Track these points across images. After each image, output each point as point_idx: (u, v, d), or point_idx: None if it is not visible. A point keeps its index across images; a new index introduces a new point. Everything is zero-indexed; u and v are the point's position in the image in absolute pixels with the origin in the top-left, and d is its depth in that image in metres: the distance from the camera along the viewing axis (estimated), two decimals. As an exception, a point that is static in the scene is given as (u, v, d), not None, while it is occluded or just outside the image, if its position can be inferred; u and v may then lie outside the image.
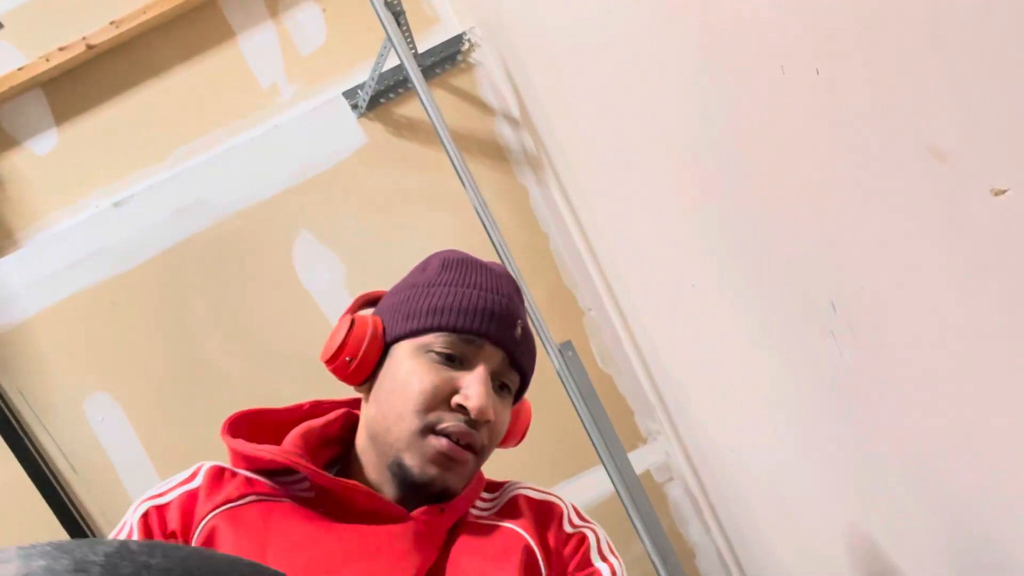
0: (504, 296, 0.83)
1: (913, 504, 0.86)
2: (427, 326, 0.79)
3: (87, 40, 1.82)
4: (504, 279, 0.86)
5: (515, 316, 0.82)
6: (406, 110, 1.94)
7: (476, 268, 0.86)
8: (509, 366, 0.82)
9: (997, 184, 0.53)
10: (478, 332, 0.79)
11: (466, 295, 0.81)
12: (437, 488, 0.77)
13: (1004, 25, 0.47)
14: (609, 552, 0.83)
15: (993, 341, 0.61)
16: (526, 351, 0.84)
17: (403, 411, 0.77)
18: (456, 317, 0.79)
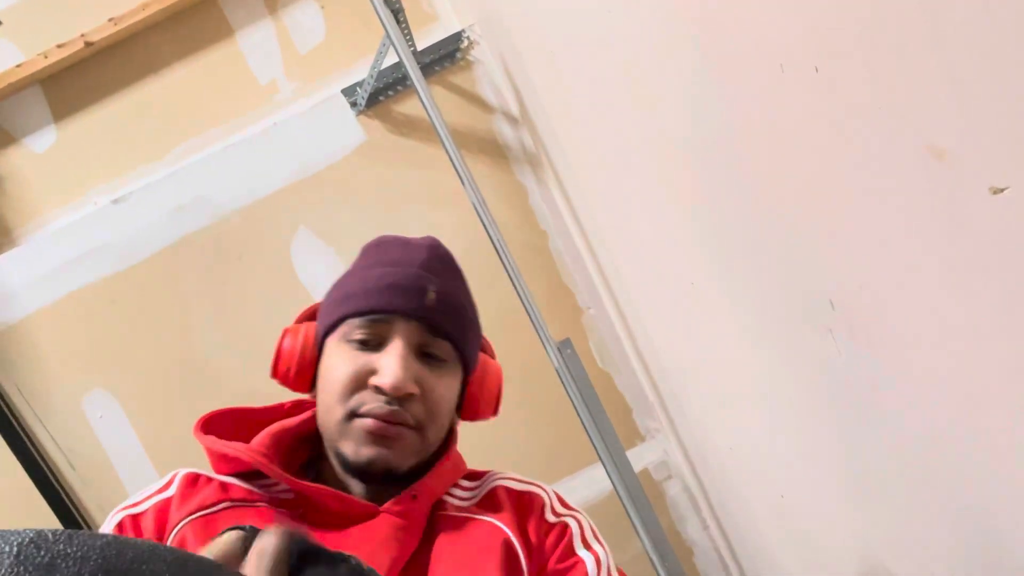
0: (412, 267, 0.81)
1: (911, 502, 0.86)
2: (339, 316, 0.80)
3: (86, 37, 1.82)
4: (419, 249, 0.84)
5: (424, 284, 0.80)
6: (405, 108, 1.94)
7: (388, 246, 0.85)
8: (429, 334, 0.79)
9: (996, 183, 0.53)
10: (383, 309, 0.78)
11: (370, 276, 0.80)
12: (380, 467, 0.75)
13: (1003, 24, 0.47)
14: (594, 539, 0.83)
15: (992, 340, 0.61)
16: (447, 315, 0.81)
17: (330, 403, 0.77)
18: (359, 300, 0.79)
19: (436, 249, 0.87)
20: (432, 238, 0.89)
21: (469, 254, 1.92)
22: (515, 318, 1.89)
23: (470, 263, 1.90)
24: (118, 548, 0.28)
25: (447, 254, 0.88)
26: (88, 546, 0.27)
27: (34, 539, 0.27)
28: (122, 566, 0.27)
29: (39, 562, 0.26)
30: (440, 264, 0.85)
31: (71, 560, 0.26)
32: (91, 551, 0.27)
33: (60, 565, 0.26)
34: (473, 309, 0.87)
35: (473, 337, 0.86)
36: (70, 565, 0.26)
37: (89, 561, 0.27)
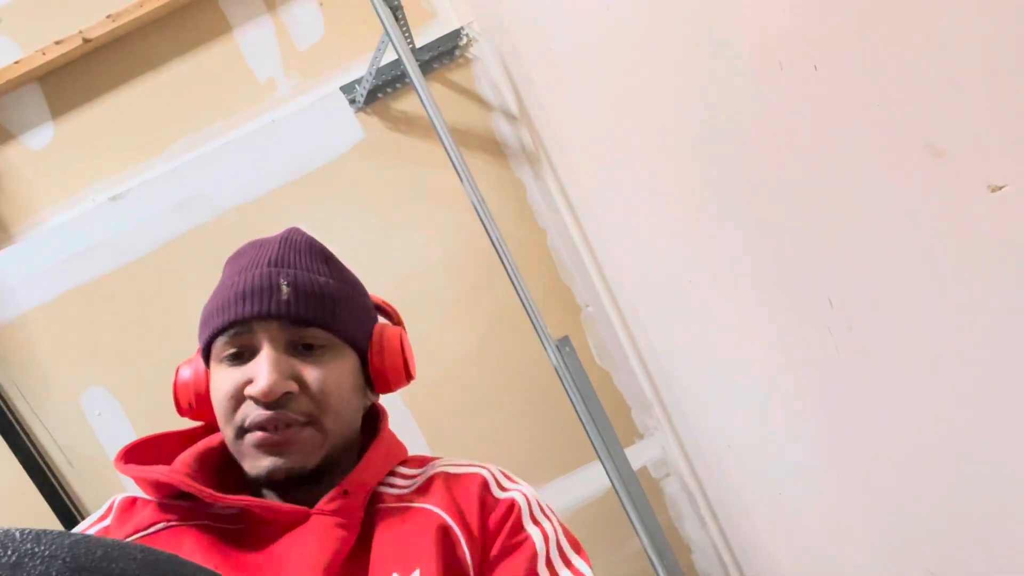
0: (261, 267, 0.79)
1: (910, 500, 0.87)
2: (207, 339, 0.78)
3: (83, 34, 1.82)
4: (269, 246, 0.82)
5: (274, 280, 0.77)
6: (404, 105, 1.94)
7: (241, 254, 0.83)
8: (296, 327, 0.77)
9: (994, 180, 0.53)
10: (240, 319, 0.76)
11: (225, 290, 0.78)
12: (281, 475, 0.74)
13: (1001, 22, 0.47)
14: (541, 515, 0.80)
15: (991, 338, 0.61)
16: (308, 303, 0.77)
17: (222, 424, 0.77)
18: (218, 317, 0.77)
19: (288, 239, 0.84)
20: (290, 229, 0.86)
21: (467, 251, 1.92)
22: (513, 316, 1.90)
23: (468, 260, 1.91)
24: (87, 546, 0.27)
25: (304, 240, 0.84)
26: (56, 544, 0.27)
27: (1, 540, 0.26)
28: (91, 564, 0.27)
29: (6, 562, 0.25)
30: (294, 253, 0.82)
31: (39, 559, 0.26)
32: (59, 549, 0.27)
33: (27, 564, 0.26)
34: (343, 286, 0.83)
35: (349, 313, 0.81)
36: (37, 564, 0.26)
37: (57, 559, 0.26)
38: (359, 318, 0.84)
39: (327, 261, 0.85)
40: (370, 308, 0.88)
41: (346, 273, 0.87)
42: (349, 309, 0.82)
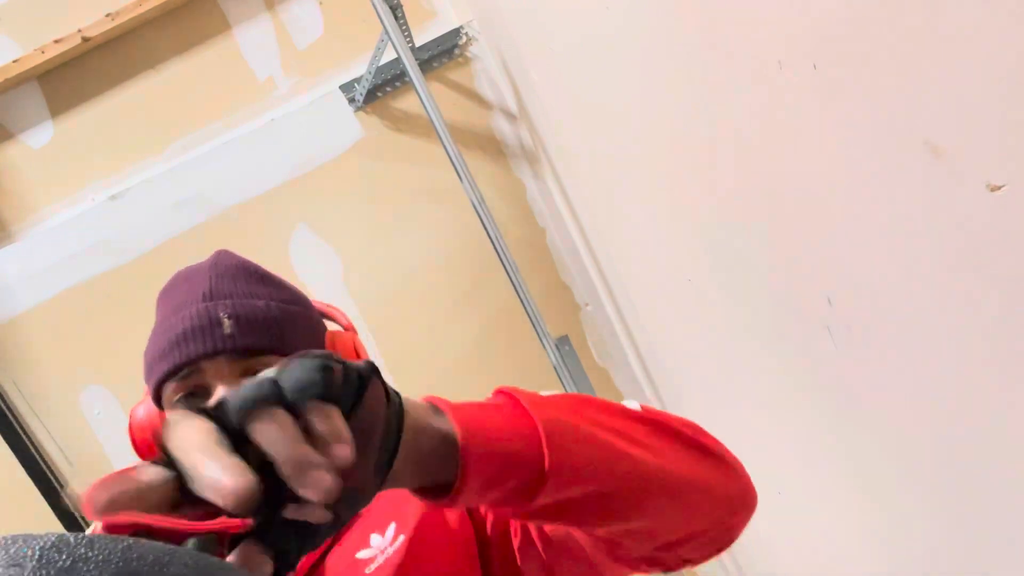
0: (196, 303, 0.76)
1: (908, 499, 0.87)
2: (155, 387, 0.76)
3: (83, 32, 1.81)
4: (200, 277, 0.79)
5: (213, 315, 0.74)
6: (403, 104, 1.93)
7: (173, 289, 0.80)
8: (245, 358, 0.74)
9: (993, 180, 0.53)
10: (185, 363, 0.72)
11: (164, 332, 0.75)
12: None
13: (1000, 21, 0.47)
14: None
15: (990, 336, 0.61)
16: (252, 331, 0.75)
17: None
18: (162, 363, 0.74)
19: (218, 266, 0.81)
20: (216, 253, 0.83)
21: (467, 250, 1.92)
22: (513, 315, 1.90)
23: (467, 260, 1.91)
24: (139, 551, 0.28)
25: (234, 263, 0.82)
26: (109, 549, 0.27)
27: (56, 543, 0.27)
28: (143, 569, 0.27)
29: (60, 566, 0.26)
30: (228, 280, 0.79)
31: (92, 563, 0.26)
32: (112, 554, 0.27)
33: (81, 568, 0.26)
34: (285, 304, 0.80)
35: (297, 330, 0.79)
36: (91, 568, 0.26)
37: (110, 564, 0.27)
38: (308, 333, 0.81)
39: (263, 281, 0.82)
40: (317, 319, 0.85)
41: (286, 288, 0.84)
42: (296, 326, 0.79)
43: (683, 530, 0.59)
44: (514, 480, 0.49)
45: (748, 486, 0.64)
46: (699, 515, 0.60)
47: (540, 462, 0.49)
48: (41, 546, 0.26)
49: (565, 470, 0.50)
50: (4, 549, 0.26)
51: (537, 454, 0.49)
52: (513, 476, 0.49)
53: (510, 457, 0.48)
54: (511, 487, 0.49)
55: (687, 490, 0.58)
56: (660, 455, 0.57)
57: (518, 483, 0.49)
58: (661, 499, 0.56)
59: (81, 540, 0.27)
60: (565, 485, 0.50)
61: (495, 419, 0.50)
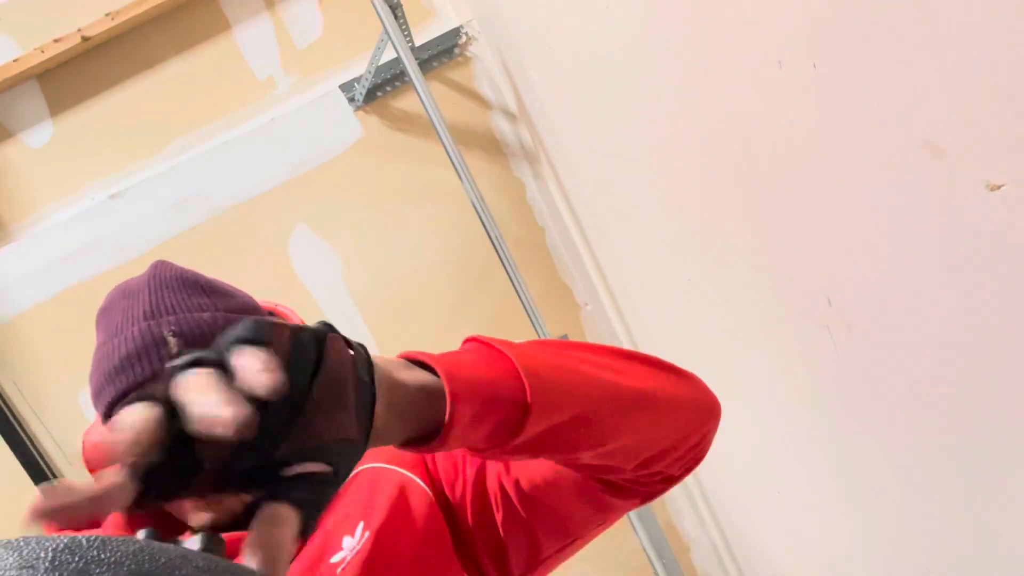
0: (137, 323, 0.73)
1: (907, 499, 0.87)
2: (104, 414, 0.73)
3: (82, 32, 1.81)
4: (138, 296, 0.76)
5: (155, 335, 0.71)
6: (403, 103, 1.93)
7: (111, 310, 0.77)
8: None
9: (993, 179, 0.53)
10: (131, 388, 0.70)
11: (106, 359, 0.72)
12: None
13: (1000, 20, 0.47)
14: None
15: (990, 335, 0.61)
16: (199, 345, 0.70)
17: None
18: (108, 391, 0.71)
19: (156, 278, 0.78)
20: (153, 265, 0.80)
21: (466, 250, 1.92)
22: (512, 314, 1.89)
23: (467, 259, 1.91)
24: (151, 553, 0.28)
25: (173, 275, 0.79)
26: (122, 552, 0.27)
27: (68, 545, 0.27)
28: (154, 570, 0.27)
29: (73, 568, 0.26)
30: (169, 294, 0.76)
31: (104, 565, 0.26)
32: (124, 557, 0.27)
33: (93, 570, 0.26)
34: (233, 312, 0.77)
35: None
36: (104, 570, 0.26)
37: (123, 567, 0.27)
38: None
39: (206, 291, 0.79)
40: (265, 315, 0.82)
41: (231, 296, 0.81)
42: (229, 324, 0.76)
43: (661, 442, 0.63)
44: (499, 414, 0.51)
45: (712, 396, 0.69)
46: (674, 425, 0.64)
47: (522, 394, 0.51)
48: (54, 548, 0.26)
49: (546, 398, 0.52)
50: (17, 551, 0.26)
51: (518, 386, 0.51)
52: (498, 410, 0.51)
53: (493, 391, 0.50)
54: (496, 421, 0.51)
55: (660, 403, 0.62)
56: (630, 375, 0.61)
57: (503, 416, 0.51)
58: (637, 413, 0.60)
59: (93, 542, 0.27)
60: (548, 413, 0.52)
61: (473, 362, 0.52)
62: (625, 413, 0.59)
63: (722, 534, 1.85)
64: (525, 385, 0.51)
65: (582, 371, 0.57)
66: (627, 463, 0.61)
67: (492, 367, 0.52)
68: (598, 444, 0.58)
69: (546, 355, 0.57)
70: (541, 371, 0.53)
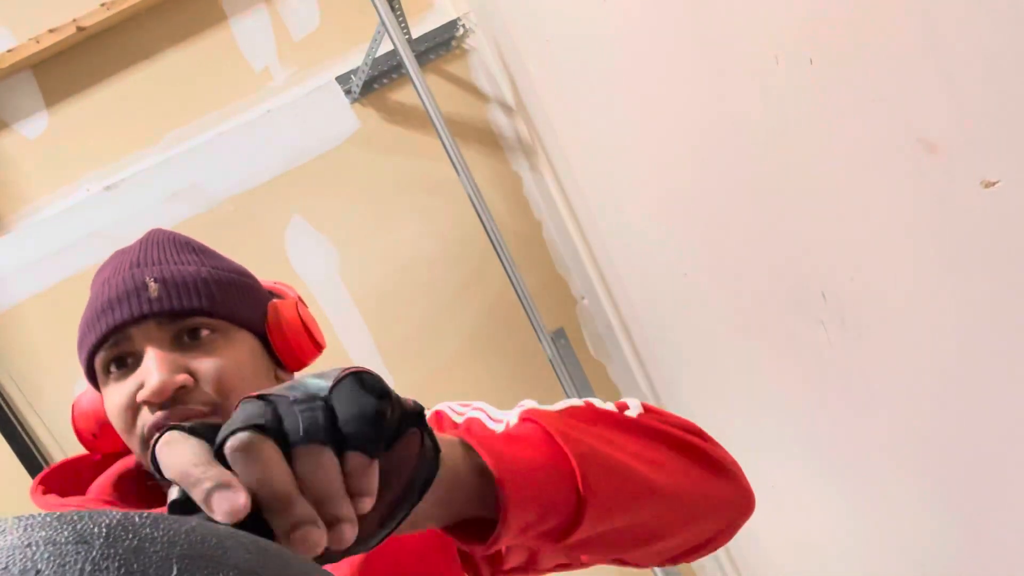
0: (123, 271, 0.75)
1: (902, 493, 0.87)
2: (86, 360, 0.75)
3: (78, 22, 1.80)
4: (129, 250, 0.78)
5: (138, 279, 0.72)
6: (400, 96, 1.93)
7: (104, 266, 0.79)
8: (175, 321, 0.71)
9: (988, 176, 0.53)
10: (111, 331, 0.71)
11: (90, 308, 0.74)
12: None
13: (996, 18, 0.47)
14: (499, 413, 0.78)
15: (984, 330, 0.62)
16: (181, 293, 0.72)
17: (126, 440, 0.73)
18: (91, 334, 0.73)
19: (148, 239, 0.79)
20: (150, 230, 0.82)
21: (463, 243, 1.92)
22: (509, 308, 1.90)
23: (464, 252, 1.91)
24: (202, 533, 0.28)
25: (166, 236, 0.80)
26: (174, 530, 0.27)
27: (122, 521, 0.26)
28: (206, 551, 0.27)
29: (128, 545, 0.26)
30: (157, 249, 0.78)
31: (158, 544, 0.26)
32: (177, 535, 0.27)
33: (148, 549, 0.26)
34: (219, 271, 0.77)
35: (232, 295, 0.76)
36: (157, 549, 0.26)
37: (176, 546, 0.27)
38: (247, 299, 0.78)
39: (196, 251, 0.80)
40: (259, 289, 0.82)
41: (224, 260, 0.82)
42: (230, 290, 0.76)
43: (693, 543, 0.62)
44: (551, 522, 0.50)
45: (749, 491, 0.66)
46: (709, 528, 0.63)
47: (576, 504, 0.50)
48: (107, 524, 0.26)
49: (599, 509, 0.51)
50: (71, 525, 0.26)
51: (573, 496, 0.50)
52: (550, 518, 0.50)
53: (548, 500, 0.49)
54: (546, 528, 0.50)
55: (701, 507, 0.61)
56: (676, 476, 0.59)
57: (555, 524, 0.50)
58: (678, 520, 0.59)
59: (146, 519, 0.27)
60: (598, 522, 0.51)
61: (531, 458, 0.50)
62: (668, 519, 0.58)
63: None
64: (581, 496, 0.50)
65: (635, 473, 0.56)
66: (653, 558, 0.61)
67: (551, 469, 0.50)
68: (636, 547, 0.58)
69: (602, 448, 0.55)
70: (599, 478, 0.52)
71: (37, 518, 0.26)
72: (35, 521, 0.26)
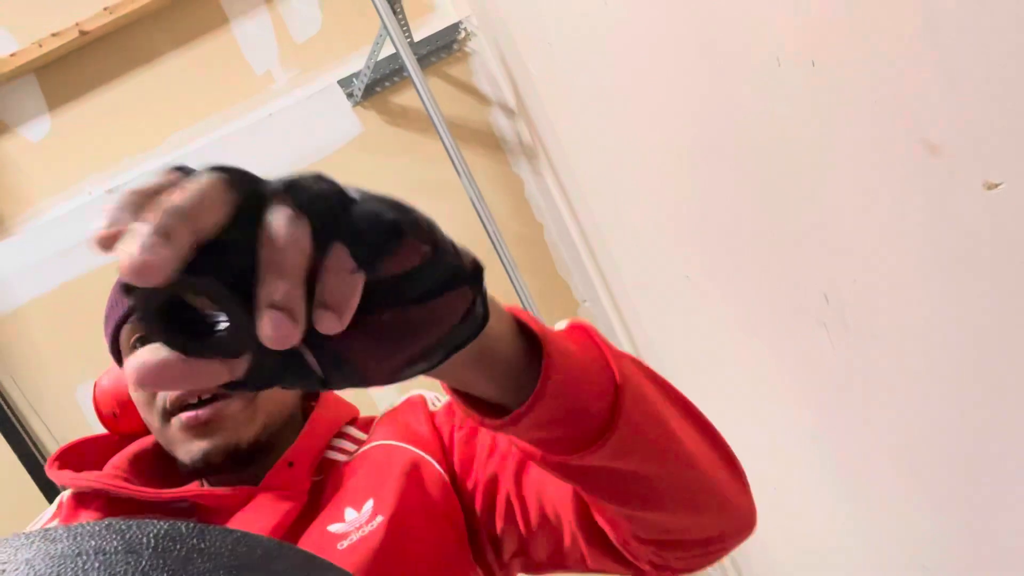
0: None
1: (904, 497, 0.87)
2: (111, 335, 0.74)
3: (80, 26, 1.81)
4: None
5: None
6: (402, 99, 1.93)
7: None
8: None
9: (990, 178, 0.53)
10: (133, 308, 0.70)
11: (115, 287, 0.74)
12: (218, 456, 0.70)
13: (997, 18, 0.47)
14: None
15: (984, 334, 0.62)
16: None
17: (145, 416, 0.73)
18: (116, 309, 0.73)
19: None
20: None
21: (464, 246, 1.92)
22: (510, 310, 1.89)
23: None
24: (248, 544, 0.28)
25: None
26: (220, 541, 0.27)
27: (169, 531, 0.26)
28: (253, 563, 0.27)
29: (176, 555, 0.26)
30: None
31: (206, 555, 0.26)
32: (223, 546, 0.27)
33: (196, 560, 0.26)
34: None
35: None
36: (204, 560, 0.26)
37: (222, 556, 0.27)
38: None
39: None
40: None
41: None
42: None
43: (692, 533, 0.57)
44: (575, 428, 0.45)
45: (755, 508, 0.63)
46: (712, 524, 0.58)
47: (607, 421, 0.45)
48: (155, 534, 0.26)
49: (624, 439, 0.46)
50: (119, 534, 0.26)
51: (607, 413, 0.45)
52: (577, 423, 0.45)
53: (583, 402, 0.44)
54: (566, 433, 0.45)
55: (714, 497, 0.56)
56: (701, 454, 0.55)
57: (577, 432, 0.45)
58: (688, 499, 0.54)
59: (192, 530, 0.27)
60: (619, 454, 0.47)
61: (579, 357, 0.45)
62: (683, 491, 0.53)
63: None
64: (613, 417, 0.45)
65: (669, 429, 0.51)
66: (650, 534, 0.56)
67: (594, 378, 0.46)
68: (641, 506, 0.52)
69: (646, 387, 0.51)
70: (636, 408, 0.47)
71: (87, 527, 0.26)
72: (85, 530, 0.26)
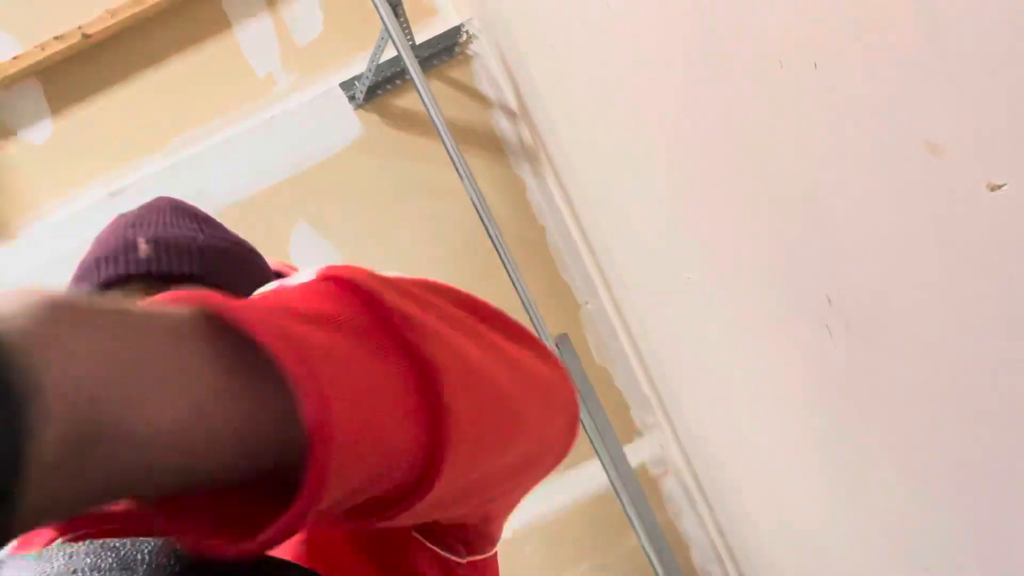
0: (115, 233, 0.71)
1: (908, 499, 0.87)
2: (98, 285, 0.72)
3: (83, 29, 1.81)
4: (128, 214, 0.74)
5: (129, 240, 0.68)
6: (403, 102, 1.93)
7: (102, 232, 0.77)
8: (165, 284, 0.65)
9: (993, 179, 0.53)
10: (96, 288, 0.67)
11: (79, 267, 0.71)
12: None
13: (1000, 19, 0.47)
14: None
15: (989, 337, 0.61)
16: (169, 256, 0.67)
17: None
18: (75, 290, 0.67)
19: (150, 204, 0.75)
20: (156, 196, 0.78)
21: (466, 248, 1.92)
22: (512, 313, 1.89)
23: (467, 257, 1.91)
24: None
25: (168, 201, 0.76)
26: None
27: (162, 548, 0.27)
28: None
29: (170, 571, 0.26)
30: (155, 213, 0.73)
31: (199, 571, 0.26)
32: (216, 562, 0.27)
33: None
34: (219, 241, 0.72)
35: (229, 263, 0.71)
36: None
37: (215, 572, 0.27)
38: (245, 272, 0.73)
39: (198, 219, 0.75)
40: (261, 265, 0.77)
41: (227, 231, 0.77)
42: (229, 259, 0.71)
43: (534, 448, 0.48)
44: (384, 484, 0.32)
45: (574, 393, 0.54)
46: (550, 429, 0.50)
47: (426, 448, 0.32)
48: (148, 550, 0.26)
49: (463, 446, 0.35)
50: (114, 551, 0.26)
51: (421, 434, 0.32)
52: (383, 480, 0.31)
53: (381, 448, 0.30)
54: (376, 496, 0.32)
55: (547, 397, 0.49)
56: (525, 366, 0.47)
57: (389, 487, 0.32)
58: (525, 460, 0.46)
59: None
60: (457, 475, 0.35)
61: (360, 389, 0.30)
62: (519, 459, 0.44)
63: (721, 533, 1.85)
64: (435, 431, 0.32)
65: (497, 388, 0.41)
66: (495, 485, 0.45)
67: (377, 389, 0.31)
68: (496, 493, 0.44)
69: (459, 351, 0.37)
70: (458, 400, 0.34)
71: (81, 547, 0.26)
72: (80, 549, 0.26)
